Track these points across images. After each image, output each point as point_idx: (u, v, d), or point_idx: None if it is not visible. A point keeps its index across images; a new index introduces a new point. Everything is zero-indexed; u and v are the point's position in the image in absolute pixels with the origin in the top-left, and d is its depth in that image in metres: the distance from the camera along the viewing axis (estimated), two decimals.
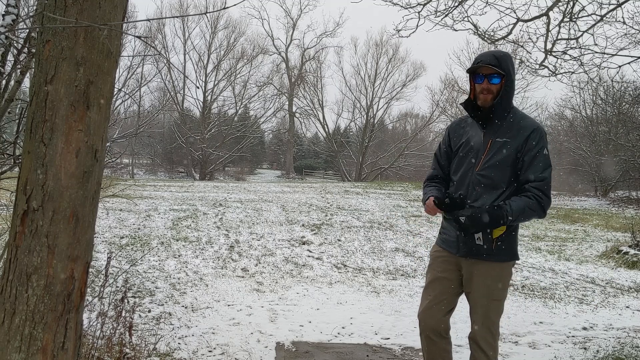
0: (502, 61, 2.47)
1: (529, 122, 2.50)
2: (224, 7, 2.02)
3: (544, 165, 2.42)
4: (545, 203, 2.40)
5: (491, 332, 2.54)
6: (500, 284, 2.51)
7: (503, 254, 2.48)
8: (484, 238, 2.48)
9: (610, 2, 4.98)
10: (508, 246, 2.49)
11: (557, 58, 5.51)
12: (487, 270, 2.50)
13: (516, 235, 2.52)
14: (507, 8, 5.17)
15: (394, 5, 5.31)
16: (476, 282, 2.53)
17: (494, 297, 2.52)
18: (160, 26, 33.62)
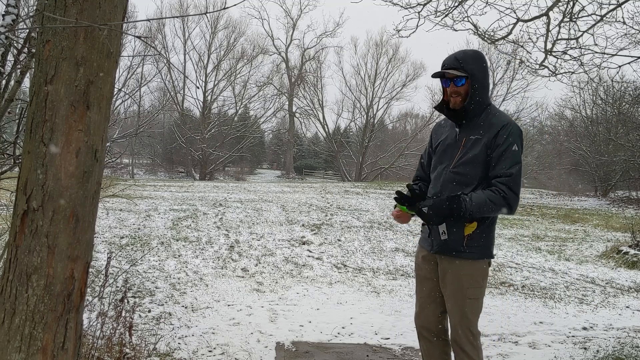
0: (464, 62, 2.46)
1: (501, 118, 2.48)
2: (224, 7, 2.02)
3: (512, 161, 2.38)
4: (511, 199, 2.35)
5: (472, 333, 2.50)
6: (474, 282, 2.47)
7: (475, 251, 2.45)
8: (448, 232, 2.47)
9: (610, 2, 4.98)
10: (480, 244, 2.45)
11: (557, 58, 5.51)
12: (460, 269, 2.48)
13: (490, 233, 2.49)
14: (507, 8, 5.18)
15: (394, 5, 5.32)
16: (449, 281, 2.51)
17: (468, 295, 2.47)
18: (160, 26, 33.64)
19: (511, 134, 2.41)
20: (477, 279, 2.48)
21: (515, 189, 2.35)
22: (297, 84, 39.23)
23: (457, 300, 2.49)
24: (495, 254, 2.43)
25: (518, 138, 2.42)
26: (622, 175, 21.82)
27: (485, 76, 2.51)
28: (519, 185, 2.37)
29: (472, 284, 2.47)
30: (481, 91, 2.48)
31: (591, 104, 25.17)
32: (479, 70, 2.48)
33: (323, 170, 46.34)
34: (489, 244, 2.49)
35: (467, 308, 2.48)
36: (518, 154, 2.39)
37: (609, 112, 23.88)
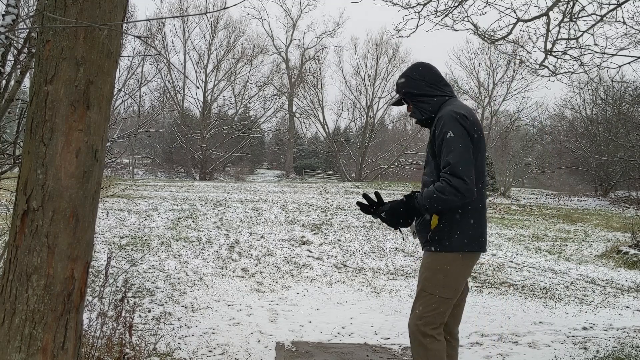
0: (399, 86, 2.62)
1: (440, 112, 2.49)
2: (224, 7, 2.02)
3: (447, 149, 2.34)
4: (457, 184, 2.27)
5: (420, 330, 2.43)
6: (430, 273, 2.45)
7: (436, 243, 2.44)
8: (419, 228, 2.52)
9: (610, 2, 4.98)
10: (441, 237, 2.42)
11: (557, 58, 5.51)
12: (424, 259, 2.53)
13: (453, 227, 2.41)
14: (507, 8, 5.17)
15: (394, 5, 5.31)
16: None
17: (423, 287, 2.46)
18: (160, 26, 33.65)
19: (444, 123, 2.38)
20: (432, 271, 2.44)
21: (458, 174, 2.28)
22: (297, 84, 39.23)
23: (417, 289, 2.52)
24: (471, 250, 2.41)
25: (450, 124, 2.36)
26: (622, 175, 21.83)
27: (420, 84, 2.56)
28: (463, 170, 2.28)
29: (428, 274, 2.45)
30: (422, 104, 2.56)
31: (591, 104, 25.19)
32: (409, 84, 2.58)
33: (323, 170, 46.33)
34: (450, 239, 2.41)
35: (419, 297, 2.47)
36: (452, 139, 2.33)
37: (609, 112, 23.90)
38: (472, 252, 2.46)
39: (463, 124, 2.36)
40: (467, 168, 2.29)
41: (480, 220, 2.46)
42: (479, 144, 2.43)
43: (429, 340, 2.42)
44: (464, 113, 2.40)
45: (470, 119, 2.41)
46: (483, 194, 2.50)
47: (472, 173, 2.31)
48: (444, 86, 2.60)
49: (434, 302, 2.42)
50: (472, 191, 2.30)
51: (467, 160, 2.30)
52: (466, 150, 2.32)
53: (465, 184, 2.27)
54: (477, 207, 2.45)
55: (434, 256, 2.45)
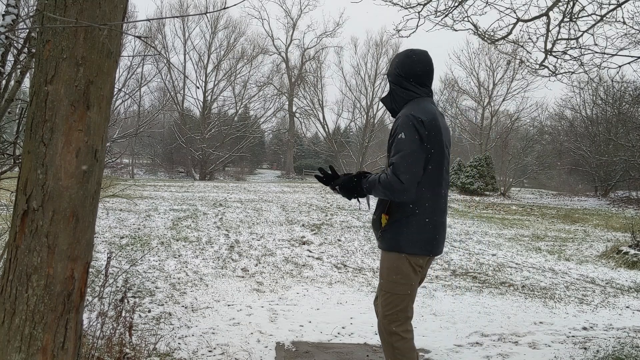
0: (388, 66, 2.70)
1: (402, 110, 2.50)
2: (224, 7, 2.02)
3: (396, 149, 2.37)
4: (394, 183, 2.32)
5: (383, 326, 2.51)
6: (384, 272, 2.51)
7: (386, 242, 2.49)
8: (372, 226, 2.63)
9: (610, 2, 4.97)
10: (390, 236, 2.46)
11: (557, 58, 5.51)
12: (381, 258, 2.59)
13: (402, 227, 2.44)
14: (507, 8, 5.17)
15: (394, 5, 5.31)
16: None
17: (381, 286, 2.53)
18: (160, 26, 33.67)
19: (400, 124, 2.39)
20: (387, 270, 2.49)
21: (398, 174, 2.32)
22: (297, 84, 39.25)
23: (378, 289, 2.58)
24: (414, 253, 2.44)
25: (405, 126, 2.37)
26: (622, 175, 21.84)
27: (399, 74, 2.55)
28: (403, 172, 2.32)
29: (383, 274, 2.52)
30: (396, 91, 2.57)
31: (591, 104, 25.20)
32: (394, 70, 2.60)
33: None
34: (399, 237, 2.43)
35: (380, 299, 2.53)
36: (403, 141, 2.34)
37: (609, 112, 23.91)
38: (416, 256, 2.45)
39: (418, 129, 2.35)
40: (408, 171, 2.32)
41: (430, 225, 2.45)
42: (436, 150, 2.41)
43: (395, 338, 2.49)
44: (422, 118, 2.37)
45: (429, 125, 2.38)
46: (437, 200, 2.48)
47: (413, 176, 2.32)
48: (419, 84, 2.54)
49: (393, 300, 2.48)
50: (409, 193, 2.33)
51: (410, 163, 2.32)
52: (412, 154, 2.33)
53: (402, 185, 2.31)
54: (426, 211, 2.43)
55: (385, 255, 2.52)
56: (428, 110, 2.43)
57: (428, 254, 2.48)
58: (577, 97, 25.95)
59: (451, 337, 4.16)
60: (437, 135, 2.41)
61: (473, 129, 33.32)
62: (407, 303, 2.49)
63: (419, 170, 2.35)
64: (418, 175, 2.34)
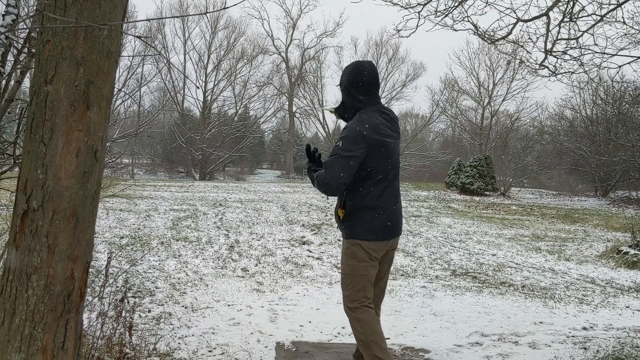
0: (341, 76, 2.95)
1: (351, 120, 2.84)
2: (224, 7, 2.02)
3: (332, 152, 2.77)
4: (322, 180, 2.74)
5: (345, 306, 2.86)
6: (343, 257, 2.89)
7: (344, 232, 2.88)
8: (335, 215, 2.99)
9: (610, 2, 4.97)
10: (347, 226, 2.84)
11: (557, 58, 5.51)
12: (342, 246, 2.95)
13: (355, 218, 2.81)
14: (507, 8, 5.17)
15: (394, 5, 5.31)
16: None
17: (341, 270, 2.92)
18: (160, 26, 33.66)
19: (344, 134, 2.75)
20: (345, 255, 2.87)
21: (327, 173, 2.72)
22: (297, 84, 39.24)
23: None
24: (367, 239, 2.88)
25: (344, 136, 2.73)
26: (622, 175, 21.85)
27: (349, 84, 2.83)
28: (331, 172, 2.70)
29: (342, 260, 2.91)
30: (345, 102, 2.88)
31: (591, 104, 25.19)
32: (342, 81, 2.88)
33: None
34: (355, 227, 2.81)
35: (341, 282, 2.92)
36: (337, 148, 2.73)
37: (609, 112, 23.90)
38: (369, 241, 2.81)
39: (357, 142, 2.69)
40: (335, 172, 2.69)
41: (379, 213, 2.81)
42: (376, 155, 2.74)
43: (357, 312, 2.82)
44: (365, 132, 2.69)
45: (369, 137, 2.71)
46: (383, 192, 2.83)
47: (338, 177, 2.68)
48: (366, 92, 2.83)
49: (351, 282, 2.83)
50: (332, 189, 2.72)
51: (339, 165, 2.69)
52: (343, 159, 2.69)
53: (326, 184, 2.72)
54: (375, 203, 2.80)
55: (344, 243, 2.89)
56: (371, 122, 2.75)
57: (381, 240, 2.83)
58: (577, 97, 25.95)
59: (451, 337, 4.16)
60: (378, 145, 2.74)
61: (473, 129, 33.32)
62: (364, 283, 2.82)
63: (344, 173, 2.69)
64: (341, 177, 2.69)
